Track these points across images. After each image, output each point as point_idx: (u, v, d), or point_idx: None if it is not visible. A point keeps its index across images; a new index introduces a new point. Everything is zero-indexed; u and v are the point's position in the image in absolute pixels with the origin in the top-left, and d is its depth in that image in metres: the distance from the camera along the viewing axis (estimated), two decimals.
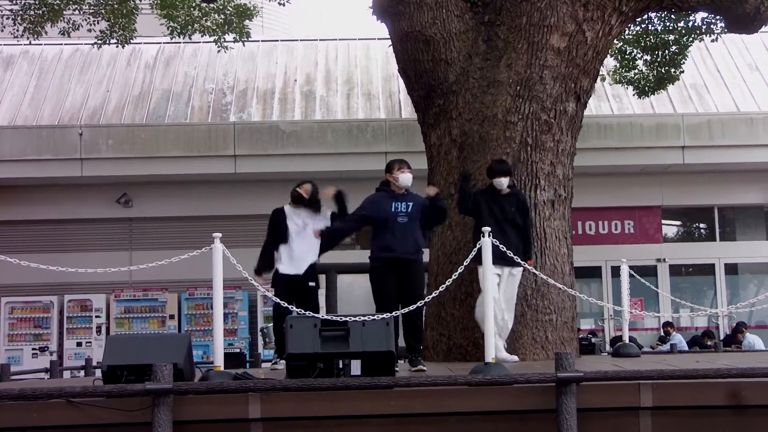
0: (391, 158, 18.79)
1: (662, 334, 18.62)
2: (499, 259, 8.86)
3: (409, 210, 9.08)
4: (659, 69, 17.74)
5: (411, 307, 8.42)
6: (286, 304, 8.65)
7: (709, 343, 17.84)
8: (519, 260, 8.91)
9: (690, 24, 17.23)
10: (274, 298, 8.81)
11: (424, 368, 8.63)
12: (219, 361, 7.45)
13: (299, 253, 9.89)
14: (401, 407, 6.84)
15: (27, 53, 22.27)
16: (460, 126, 10.81)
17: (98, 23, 16.74)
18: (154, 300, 19.28)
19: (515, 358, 9.67)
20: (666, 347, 17.14)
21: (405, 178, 9.16)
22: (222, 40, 17.29)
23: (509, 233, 9.56)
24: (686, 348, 17.19)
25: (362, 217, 9.25)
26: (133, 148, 18.96)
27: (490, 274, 7.71)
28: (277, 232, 9.98)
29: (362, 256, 18.45)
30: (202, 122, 20.14)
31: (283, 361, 9.27)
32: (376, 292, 9.08)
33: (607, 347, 17.43)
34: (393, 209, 9.04)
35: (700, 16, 16.88)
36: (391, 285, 8.98)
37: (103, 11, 16.47)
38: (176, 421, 6.59)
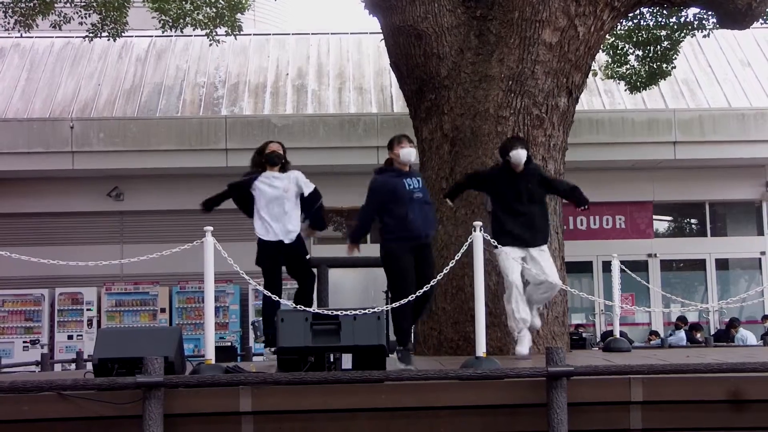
0: (383, 152, 18.81)
1: (674, 328, 18.59)
2: (517, 240, 8.98)
3: (421, 186, 8.75)
4: (651, 64, 17.78)
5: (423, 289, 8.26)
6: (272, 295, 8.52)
7: (698, 335, 17.89)
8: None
9: (682, 19, 17.28)
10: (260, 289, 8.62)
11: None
12: (210, 355, 7.45)
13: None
14: (392, 401, 6.84)
15: (18, 46, 22.21)
16: (452, 121, 10.82)
17: (89, 16, 16.72)
18: (146, 293, 19.27)
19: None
20: (657, 342, 17.19)
21: (405, 153, 8.75)
22: (214, 33, 17.25)
23: (528, 211, 9.31)
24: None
25: (377, 202, 8.70)
26: (124, 142, 18.94)
27: (481, 267, 7.69)
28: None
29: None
30: (193, 116, 20.11)
31: None
32: (397, 275, 8.58)
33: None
34: (407, 186, 8.62)
35: (692, 11, 16.93)
36: (410, 266, 8.57)
37: (94, 4, 16.45)
38: (167, 414, 6.58)
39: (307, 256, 9.55)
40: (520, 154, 9.35)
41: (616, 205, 20.51)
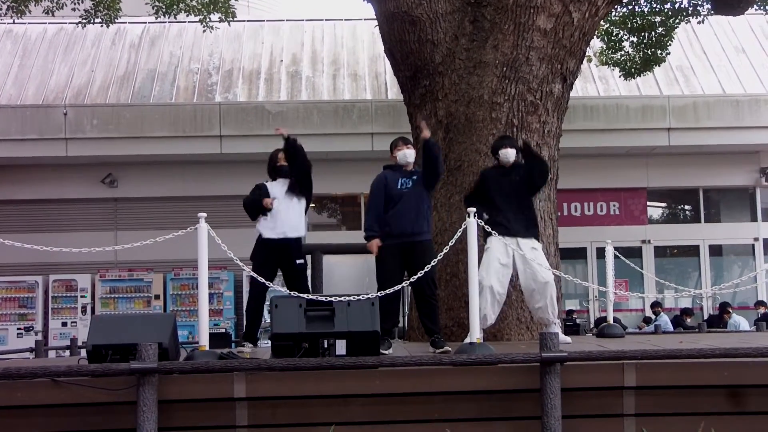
0: (378, 139, 18.91)
1: (651, 314, 18.69)
2: (508, 231, 8.81)
3: (413, 184, 8.79)
4: (646, 51, 17.77)
5: (413, 279, 8.30)
6: (264, 280, 8.46)
7: (688, 320, 17.96)
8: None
9: (677, 6, 17.27)
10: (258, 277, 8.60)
11: (449, 349, 8.30)
12: (204, 341, 7.45)
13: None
14: (386, 387, 6.84)
15: (11, 32, 22.13)
16: (446, 107, 10.81)
17: (83, 2, 16.65)
18: (140, 280, 19.27)
19: (568, 339, 9.34)
20: (650, 328, 17.22)
21: (402, 155, 8.86)
22: (207, 19, 17.19)
23: (515, 206, 9.14)
24: (671, 329, 17.28)
25: (375, 196, 8.93)
26: (118, 128, 18.90)
27: (475, 253, 7.69)
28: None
29: (348, 237, 18.51)
30: (187, 102, 20.07)
31: (249, 344, 9.25)
32: (378, 276, 8.79)
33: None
34: (399, 182, 8.79)
35: None
36: (393, 268, 8.68)
37: None
38: (161, 400, 6.58)
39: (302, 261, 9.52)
40: (508, 153, 9.28)
41: (610, 192, 20.55)
